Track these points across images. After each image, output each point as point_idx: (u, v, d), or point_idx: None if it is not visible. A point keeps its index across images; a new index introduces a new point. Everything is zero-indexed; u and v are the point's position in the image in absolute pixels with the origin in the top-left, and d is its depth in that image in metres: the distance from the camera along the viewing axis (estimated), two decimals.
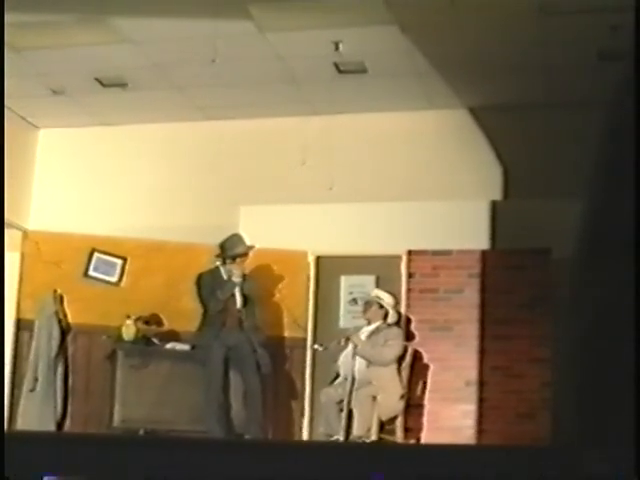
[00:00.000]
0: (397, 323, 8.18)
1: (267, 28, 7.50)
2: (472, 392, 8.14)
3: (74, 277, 8.66)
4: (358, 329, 8.05)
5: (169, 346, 8.45)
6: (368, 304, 8.09)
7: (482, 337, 8.21)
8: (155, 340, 8.48)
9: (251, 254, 8.19)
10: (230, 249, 8.07)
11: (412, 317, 8.38)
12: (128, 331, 8.35)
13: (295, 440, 8.21)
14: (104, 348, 8.41)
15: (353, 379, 7.72)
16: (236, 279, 8.01)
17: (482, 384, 8.15)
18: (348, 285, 8.77)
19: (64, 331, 8.54)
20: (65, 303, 8.59)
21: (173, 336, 8.56)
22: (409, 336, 8.26)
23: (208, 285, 8.06)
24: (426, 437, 8.07)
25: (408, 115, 8.98)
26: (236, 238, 8.15)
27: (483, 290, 8.31)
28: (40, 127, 9.73)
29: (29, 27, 7.49)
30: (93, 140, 9.66)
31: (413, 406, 8.07)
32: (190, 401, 7.96)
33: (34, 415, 8.30)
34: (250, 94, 8.79)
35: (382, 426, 7.67)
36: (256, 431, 7.72)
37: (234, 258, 8.07)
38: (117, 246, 8.82)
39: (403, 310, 8.40)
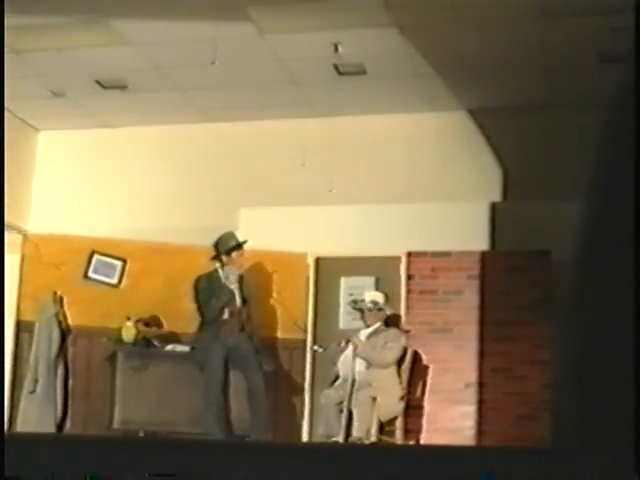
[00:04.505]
0: (397, 325, 8.19)
1: (267, 30, 7.51)
2: (472, 394, 8.15)
3: (74, 279, 8.66)
4: (358, 331, 8.06)
5: (169, 348, 8.45)
6: (363, 309, 8.08)
7: (482, 339, 8.22)
8: (155, 342, 8.48)
9: (252, 255, 8.17)
10: (223, 245, 8.04)
11: (412, 319, 8.38)
12: (128, 333, 8.36)
13: (295, 441, 8.21)
14: (104, 350, 8.41)
15: (353, 380, 7.72)
16: (232, 285, 7.96)
17: (482, 386, 8.15)
18: (348, 286, 8.77)
19: (64, 333, 8.54)
20: (65, 305, 8.59)
21: (173, 338, 8.56)
22: (408, 337, 8.26)
23: (204, 291, 7.98)
24: (426, 438, 8.06)
25: (408, 117, 8.99)
26: (228, 234, 8.12)
27: (483, 292, 8.31)
28: (40, 129, 9.74)
29: (29, 29, 7.49)
30: (93, 142, 9.67)
31: (413, 407, 8.06)
32: (190, 403, 7.95)
33: (34, 417, 8.30)
34: (250, 96, 8.80)
35: (382, 427, 7.67)
36: (261, 431, 7.70)
37: (229, 253, 8.03)
38: (117, 248, 8.82)
39: (403, 312, 8.40)
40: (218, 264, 8.08)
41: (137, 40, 7.73)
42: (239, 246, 8.04)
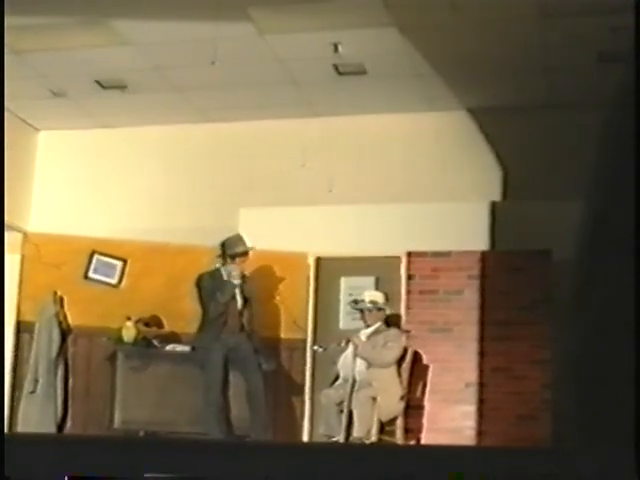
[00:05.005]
0: (397, 325, 8.20)
1: (267, 30, 7.51)
2: (472, 393, 8.15)
3: (74, 279, 8.67)
4: (358, 330, 8.06)
5: (169, 348, 8.45)
6: (363, 309, 8.08)
7: (482, 338, 8.21)
8: (155, 342, 8.48)
9: (251, 255, 8.18)
10: (230, 248, 8.06)
11: (412, 318, 8.38)
12: (128, 333, 8.36)
13: (295, 441, 8.21)
14: (104, 350, 8.41)
15: (353, 380, 7.73)
16: (235, 280, 7.99)
17: (482, 385, 8.15)
18: (348, 286, 8.77)
19: (64, 333, 8.55)
20: (65, 305, 8.60)
21: (173, 338, 8.57)
22: (408, 337, 8.26)
23: (208, 287, 8.04)
24: (426, 438, 8.07)
25: (408, 117, 8.99)
26: (237, 238, 8.15)
27: (483, 291, 8.31)
28: (40, 129, 9.74)
29: (30, 29, 7.49)
30: (93, 142, 9.67)
31: (413, 407, 8.07)
32: (190, 403, 7.96)
33: (34, 417, 8.31)
34: (250, 96, 8.80)
35: (382, 427, 7.67)
36: (260, 431, 7.70)
37: (234, 257, 8.05)
38: (117, 248, 8.82)
39: (403, 311, 8.40)
40: (220, 263, 8.09)
41: (137, 40, 7.73)
42: (246, 253, 8.05)
